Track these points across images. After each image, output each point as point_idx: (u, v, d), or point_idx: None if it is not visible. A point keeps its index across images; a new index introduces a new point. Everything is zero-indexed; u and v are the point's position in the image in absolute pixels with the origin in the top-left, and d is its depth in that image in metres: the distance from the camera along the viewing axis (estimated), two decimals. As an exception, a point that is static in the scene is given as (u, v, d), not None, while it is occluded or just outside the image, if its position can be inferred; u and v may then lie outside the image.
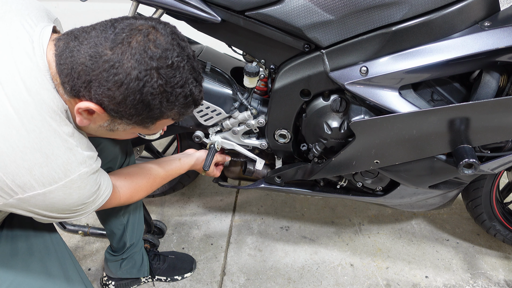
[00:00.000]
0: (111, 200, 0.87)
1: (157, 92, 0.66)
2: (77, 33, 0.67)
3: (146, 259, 1.34)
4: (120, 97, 0.64)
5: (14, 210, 0.68)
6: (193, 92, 0.71)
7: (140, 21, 0.67)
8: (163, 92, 0.66)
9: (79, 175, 0.70)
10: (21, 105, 0.62)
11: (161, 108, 0.68)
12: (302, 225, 1.65)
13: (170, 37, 0.67)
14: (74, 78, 0.65)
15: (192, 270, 1.43)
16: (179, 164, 1.13)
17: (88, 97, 0.65)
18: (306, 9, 0.96)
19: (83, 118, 0.69)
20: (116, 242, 1.23)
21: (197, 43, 1.41)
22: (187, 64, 0.68)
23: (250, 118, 1.20)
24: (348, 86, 1.01)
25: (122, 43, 0.63)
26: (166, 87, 0.66)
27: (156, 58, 0.64)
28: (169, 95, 0.67)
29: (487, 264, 1.49)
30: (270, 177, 1.30)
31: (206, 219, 1.67)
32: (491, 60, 0.93)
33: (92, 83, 0.64)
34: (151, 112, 0.69)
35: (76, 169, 0.69)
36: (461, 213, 1.73)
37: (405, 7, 0.93)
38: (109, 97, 0.65)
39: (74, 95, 0.66)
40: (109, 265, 1.29)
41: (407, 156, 1.09)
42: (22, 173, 0.63)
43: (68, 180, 0.68)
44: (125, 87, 0.64)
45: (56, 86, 0.67)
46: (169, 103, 0.68)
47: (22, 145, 0.62)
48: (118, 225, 1.19)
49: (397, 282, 1.42)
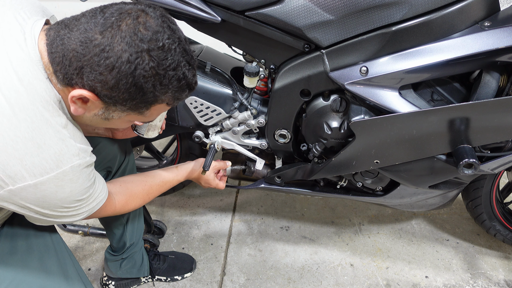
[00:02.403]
0: (106, 207, 0.86)
1: (149, 74, 0.65)
2: (67, 22, 0.67)
3: (146, 259, 1.34)
4: (113, 81, 0.64)
5: (6, 205, 0.67)
6: (187, 75, 0.70)
7: (130, 6, 0.67)
8: (156, 75, 0.66)
9: (71, 167, 0.68)
10: (13, 94, 0.61)
11: (155, 91, 0.68)
12: (302, 225, 1.65)
13: (160, 19, 0.67)
14: (66, 65, 0.64)
15: (192, 270, 1.43)
16: (175, 172, 1.11)
17: (81, 84, 0.65)
18: (306, 9, 0.96)
19: (77, 107, 0.68)
20: (116, 242, 1.23)
21: (197, 43, 1.41)
22: (179, 46, 0.68)
23: (250, 118, 1.20)
24: (348, 86, 1.01)
25: (111, 27, 0.63)
26: (158, 70, 0.65)
27: (146, 40, 0.64)
28: (162, 77, 0.66)
29: (487, 264, 1.49)
30: (270, 177, 1.30)
31: (206, 219, 1.67)
32: (491, 60, 0.93)
33: (84, 69, 0.63)
34: (145, 96, 0.68)
35: (68, 160, 0.68)
36: (461, 213, 1.73)
37: (405, 7, 0.93)
38: (102, 82, 0.64)
39: (67, 84, 0.66)
40: (109, 265, 1.29)
41: (407, 156, 1.09)
42: (12, 163, 0.62)
43: (60, 171, 0.67)
44: (117, 70, 0.63)
45: (49, 76, 0.66)
46: (163, 87, 0.68)
47: (13, 134, 0.62)
48: (118, 225, 1.19)
49: (397, 282, 1.42)
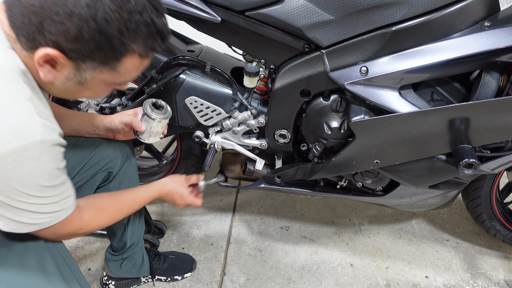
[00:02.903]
0: (72, 220, 0.80)
1: (113, 18, 0.62)
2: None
3: (147, 258, 1.34)
4: (75, 30, 0.61)
5: None
6: (155, 21, 0.67)
7: None
8: (120, 19, 0.63)
9: (32, 142, 0.64)
10: None
11: (122, 38, 0.65)
12: (302, 225, 1.65)
13: None
14: (26, 24, 0.62)
15: (192, 270, 1.43)
16: (147, 187, 1.06)
17: (44, 41, 0.63)
18: (306, 9, 0.96)
19: (46, 71, 0.66)
20: (117, 242, 1.23)
21: (197, 43, 1.41)
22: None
23: (250, 118, 1.20)
24: (348, 86, 1.01)
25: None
26: (122, 13, 0.63)
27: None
28: (127, 22, 0.64)
29: (487, 264, 1.49)
30: (270, 177, 1.30)
31: (206, 219, 1.67)
32: (491, 60, 0.93)
33: (44, 23, 0.61)
34: (112, 44, 0.65)
35: (29, 135, 0.63)
36: (461, 213, 1.73)
37: (405, 7, 0.93)
38: (64, 33, 0.62)
39: (31, 47, 0.64)
40: (109, 265, 1.29)
41: (407, 156, 1.09)
42: None
43: (20, 145, 0.62)
44: (77, 17, 0.61)
45: (12, 45, 0.65)
46: (130, 33, 0.65)
47: None
48: (119, 224, 1.19)
49: (397, 282, 1.42)
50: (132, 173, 1.17)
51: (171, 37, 1.37)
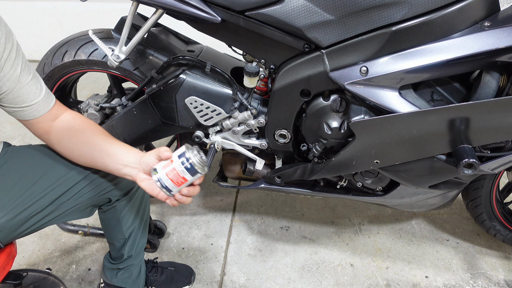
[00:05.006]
0: (47, 112, 0.86)
1: None
2: None
3: (144, 272, 1.31)
4: None
5: None
6: None
7: None
8: None
9: None
10: None
11: None
12: (302, 225, 1.65)
13: None
14: None
15: (191, 283, 1.38)
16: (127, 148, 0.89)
17: None
18: (306, 9, 0.96)
19: None
20: (115, 252, 1.21)
21: (197, 43, 1.41)
22: None
23: (250, 118, 1.20)
24: (348, 86, 1.01)
25: None
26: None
27: None
28: None
29: (487, 264, 1.49)
30: (270, 177, 1.30)
31: (206, 219, 1.67)
32: (491, 60, 0.93)
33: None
34: None
35: None
36: (461, 213, 1.73)
37: (405, 7, 0.93)
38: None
39: None
40: (106, 272, 1.27)
41: (407, 156, 1.09)
42: None
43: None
44: None
45: None
46: None
47: None
48: (119, 238, 1.17)
49: (397, 282, 1.42)
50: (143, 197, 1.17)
51: (171, 37, 1.37)
